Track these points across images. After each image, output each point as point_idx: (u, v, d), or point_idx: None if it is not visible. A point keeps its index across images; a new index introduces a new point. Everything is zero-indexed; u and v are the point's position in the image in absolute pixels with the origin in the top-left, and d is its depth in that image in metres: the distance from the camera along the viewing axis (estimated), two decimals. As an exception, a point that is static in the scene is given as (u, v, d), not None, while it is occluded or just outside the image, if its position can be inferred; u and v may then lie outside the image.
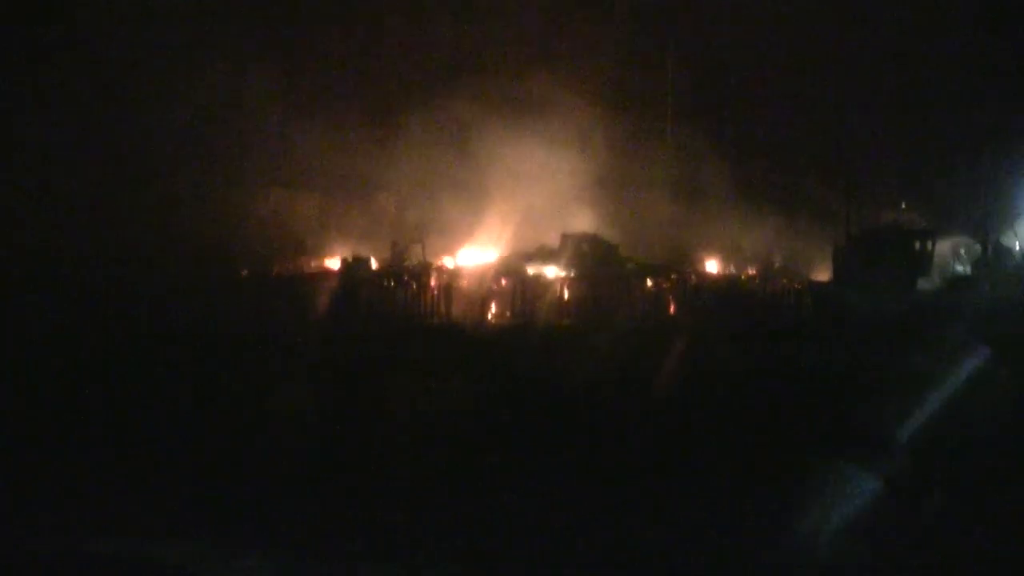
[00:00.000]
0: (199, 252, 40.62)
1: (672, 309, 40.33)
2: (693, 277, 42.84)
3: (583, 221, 43.97)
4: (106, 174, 41.54)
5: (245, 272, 42.08)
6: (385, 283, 42.02)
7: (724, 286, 42.33)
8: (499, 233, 44.49)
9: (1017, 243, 42.69)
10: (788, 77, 45.27)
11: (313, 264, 44.54)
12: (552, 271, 42.37)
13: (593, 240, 43.01)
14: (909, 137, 43.58)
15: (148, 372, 24.80)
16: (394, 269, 43.17)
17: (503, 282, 41.50)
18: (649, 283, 41.40)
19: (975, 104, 43.04)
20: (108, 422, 19.37)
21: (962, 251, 43.10)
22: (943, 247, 42.01)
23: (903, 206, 42.97)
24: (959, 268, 42.78)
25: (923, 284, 40.79)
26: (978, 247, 42.63)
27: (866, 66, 44.75)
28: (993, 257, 41.88)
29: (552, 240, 43.67)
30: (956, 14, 42.92)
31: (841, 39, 44.71)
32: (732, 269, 44.39)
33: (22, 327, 30.02)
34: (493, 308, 40.89)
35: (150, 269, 38.32)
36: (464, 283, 41.84)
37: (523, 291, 40.84)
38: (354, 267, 43.46)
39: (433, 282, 42.06)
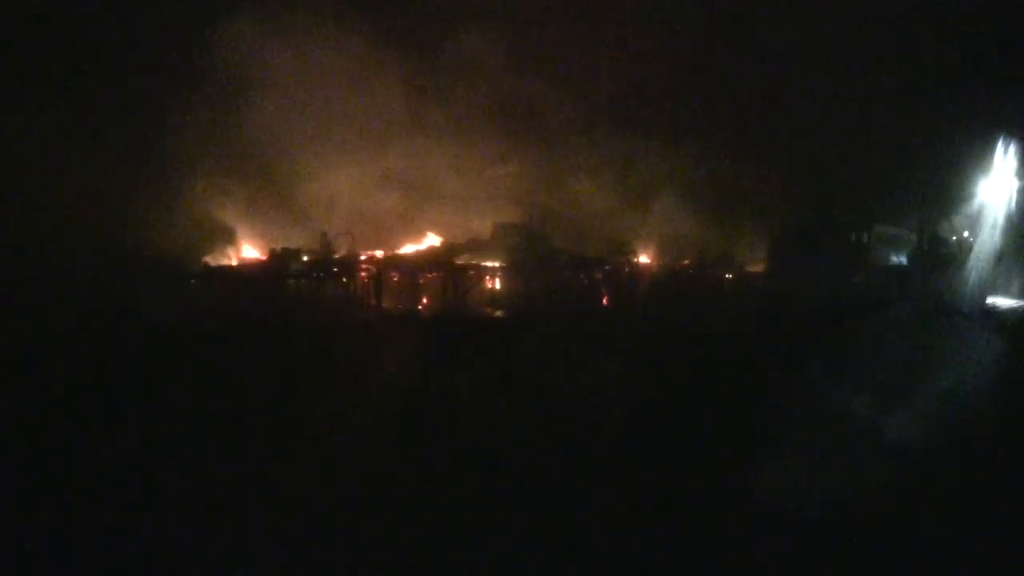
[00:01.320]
0: (119, 242, 39.25)
1: (605, 301, 40.23)
2: (627, 268, 42.38)
3: (516, 212, 43.23)
4: (19, 163, 39.43)
5: (171, 263, 40.62)
6: (315, 275, 41.46)
7: (658, 278, 42.00)
8: (430, 223, 43.77)
9: (953, 234, 42.19)
10: (724, 66, 44.17)
11: (241, 255, 43.51)
12: (484, 262, 41.90)
13: (525, 231, 42.30)
14: (845, 126, 42.44)
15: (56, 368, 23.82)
16: (324, 260, 42.41)
17: (433, 274, 41.09)
18: (582, 275, 41.21)
19: (911, 94, 42.11)
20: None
21: (897, 242, 42.59)
22: (878, 238, 41.85)
23: (838, 197, 42.13)
24: (894, 259, 42.16)
25: (859, 276, 40.59)
26: (913, 238, 42.15)
27: (803, 56, 43.22)
28: (929, 248, 41.43)
29: (484, 231, 42.99)
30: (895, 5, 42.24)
31: (775, 28, 43.59)
32: (666, 260, 43.55)
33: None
34: (424, 300, 40.66)
35: (68, 261, 36.83)
36: (394, 275, 41.44)
37: (454, 283, 40.55)
38: (283, 258, 42.53)
39: (363, 274, 41.72)
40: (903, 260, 42.02)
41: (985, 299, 38.22)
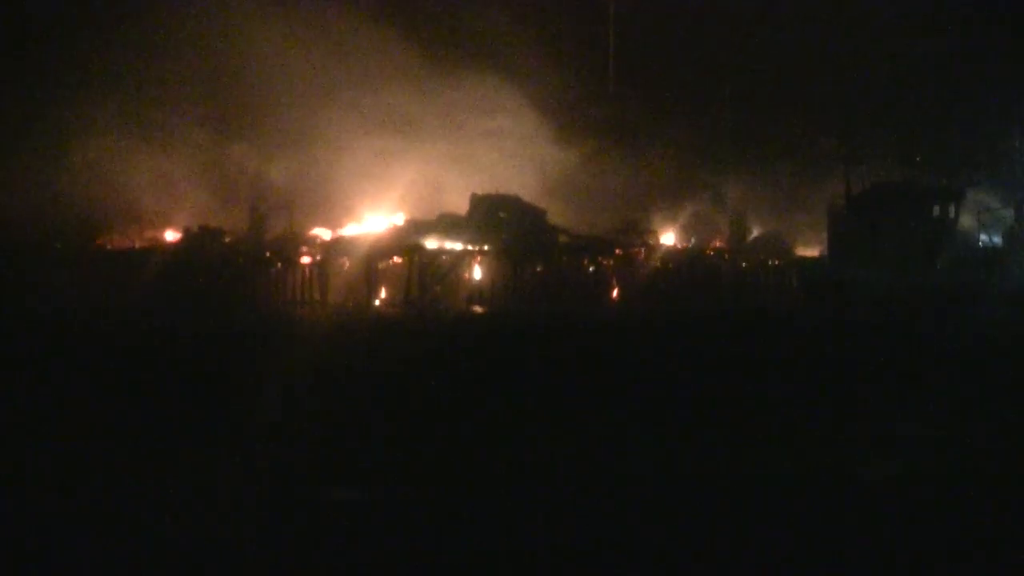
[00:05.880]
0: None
1: (615, 294, 36.08)
2: (644, 252, 37.42)
3: (499, 179, 37.66)
4: None
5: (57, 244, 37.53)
6: (240, 261, 37.46)
7: (684, 264, 37.50)
8: (390, 196, 38.46)
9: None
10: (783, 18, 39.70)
11: (148, 235, 38.83)
12: (458, 245, 37.26)
13: (512, 203, 37.07)
14: (924, 76, 38.05)
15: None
16: (253, 243, 38.09)
17: (394, 259, 36.91)
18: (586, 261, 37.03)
19: (1003, 40, 38.07)
20: None
21: (989, 217, 37.14)
22: (965, 212, 36.31)
23: (917, 159, 37.31)
24: (984, 238, 36.85)
25: (941, 260, 35.40)
26: (1009, 213, 36.98)
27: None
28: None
29: (459, 205, 37.66)
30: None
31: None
32: (694, 241, 38.70)
33: None
34: (382, 293, 36.55)
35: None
36: (344, 261, 37.35)
37: (420, 271, 36.25)
38: (201, 240, 37.92)
39: (304, 259, 37.75)
40: (996, 240, 36.87)
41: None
